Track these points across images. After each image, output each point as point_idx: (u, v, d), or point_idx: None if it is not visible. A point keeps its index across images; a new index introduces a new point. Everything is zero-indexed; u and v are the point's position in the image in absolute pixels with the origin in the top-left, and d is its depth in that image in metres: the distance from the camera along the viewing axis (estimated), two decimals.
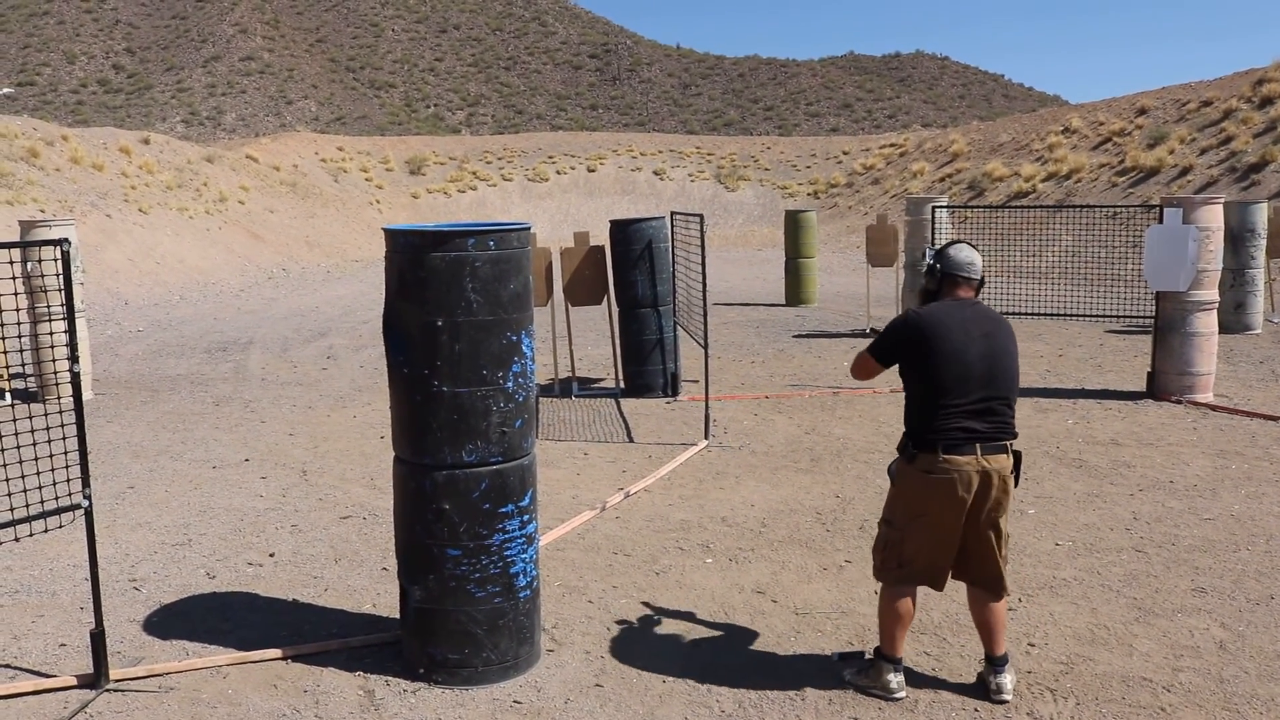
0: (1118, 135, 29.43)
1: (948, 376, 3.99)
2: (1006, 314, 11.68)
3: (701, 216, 8.89)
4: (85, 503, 4.37)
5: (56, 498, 4.45)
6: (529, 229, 4.51)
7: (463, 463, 4.26)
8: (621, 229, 10.48)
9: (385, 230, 4.40)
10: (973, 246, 4.27)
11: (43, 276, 7.05)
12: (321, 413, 9.94)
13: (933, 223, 11.48)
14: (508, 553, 4.34)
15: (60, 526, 4.62)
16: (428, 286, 4.21)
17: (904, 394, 4.23)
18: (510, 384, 4.31)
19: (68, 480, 4.56)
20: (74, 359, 4.40)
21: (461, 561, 4.28)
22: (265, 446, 8.64)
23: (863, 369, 4.33)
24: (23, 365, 11.33)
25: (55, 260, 4.35)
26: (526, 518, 4.42)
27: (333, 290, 22.36)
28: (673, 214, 10.59)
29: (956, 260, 4.17)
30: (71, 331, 4.41)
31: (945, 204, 13.29)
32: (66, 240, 4.39)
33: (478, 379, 4.24)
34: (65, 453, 4.57)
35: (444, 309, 4.20)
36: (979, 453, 3.98)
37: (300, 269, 26.99)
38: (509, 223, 4.49)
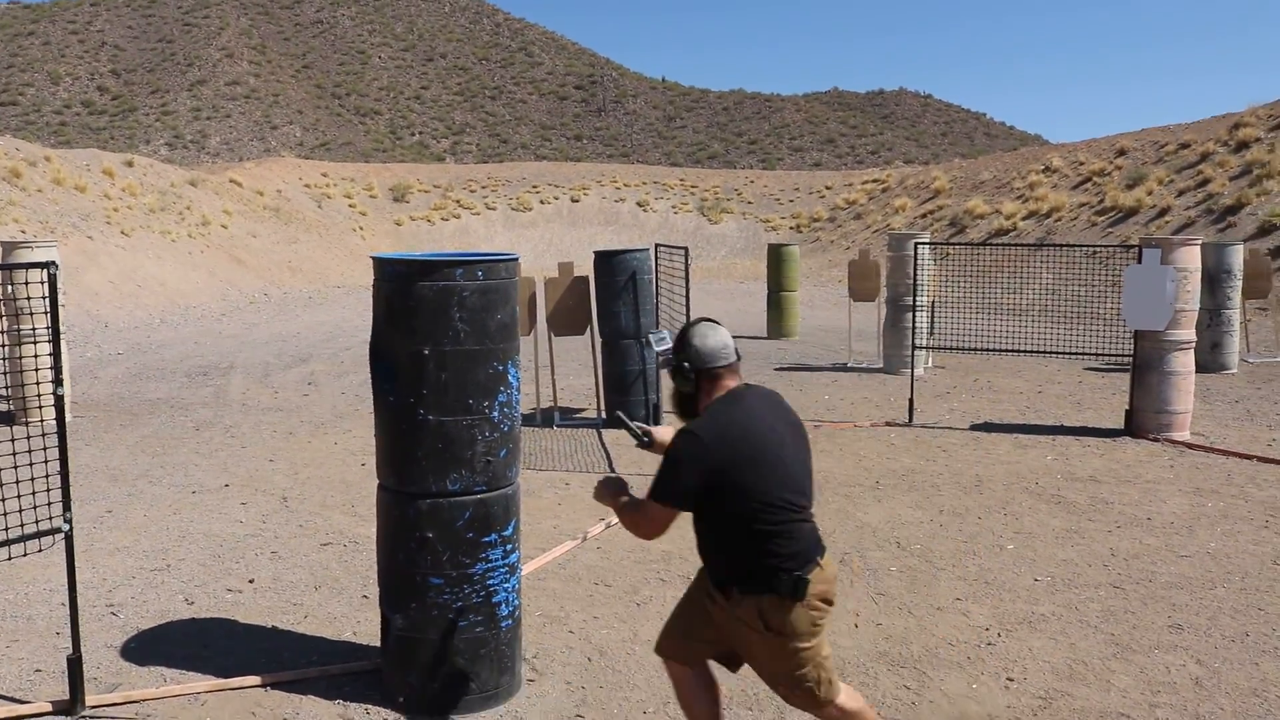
0: (1098, 175, 29.80)
1: (776, 489, 3.25)
2: (986, 350, 11.83)
3: (686, 249, 8.95)
4: (66, 526, 4.35)
5: (38, 521, 4.43)
6: (517, 260, 4.54)
7: (447, 491, 4.27)
8: (606, 260, 10.53)
9: (373, 258, 4.43)
10: (713, 322, 3.54)
11: (26, 299, 7.03)
12: (302, 439, 9.90)
13: (915, 259, 11.58)
14: (490, 582, 4.34)
15: (40, 550, 4.59)
16: (415, 315, 4.23)
17: (700, 537, 3.39)
18: (496, 414, 4.33)
19: (49, 504, 4.53)
20: (58, 382, 4.40)
21: (444, 590, 4.28)
22: (245, 472, 8.61)
23: (652, 524, 3.34)
24: (6, 388, 11.25)
25: (42, 283, 4.36)
26: (510, 547, 4.43)
27: (314, 316, 22.32)
28: (657, 246, 10.65)
29: (710, 350, 3.41)
30: (56, 354, 4.40)
31: (928, 240, 13.41)
32: (54, 264, 4.39)
33: (463, 408, 4.26)
34: (47, 475, 4.54)
35: (431, 338, 4.23)
36: (820, 561, 3.35)
37: (282, 294, 26.95)
38: (497, 253, 4.53)
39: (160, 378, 13.60)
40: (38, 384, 5.41)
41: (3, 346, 6.50)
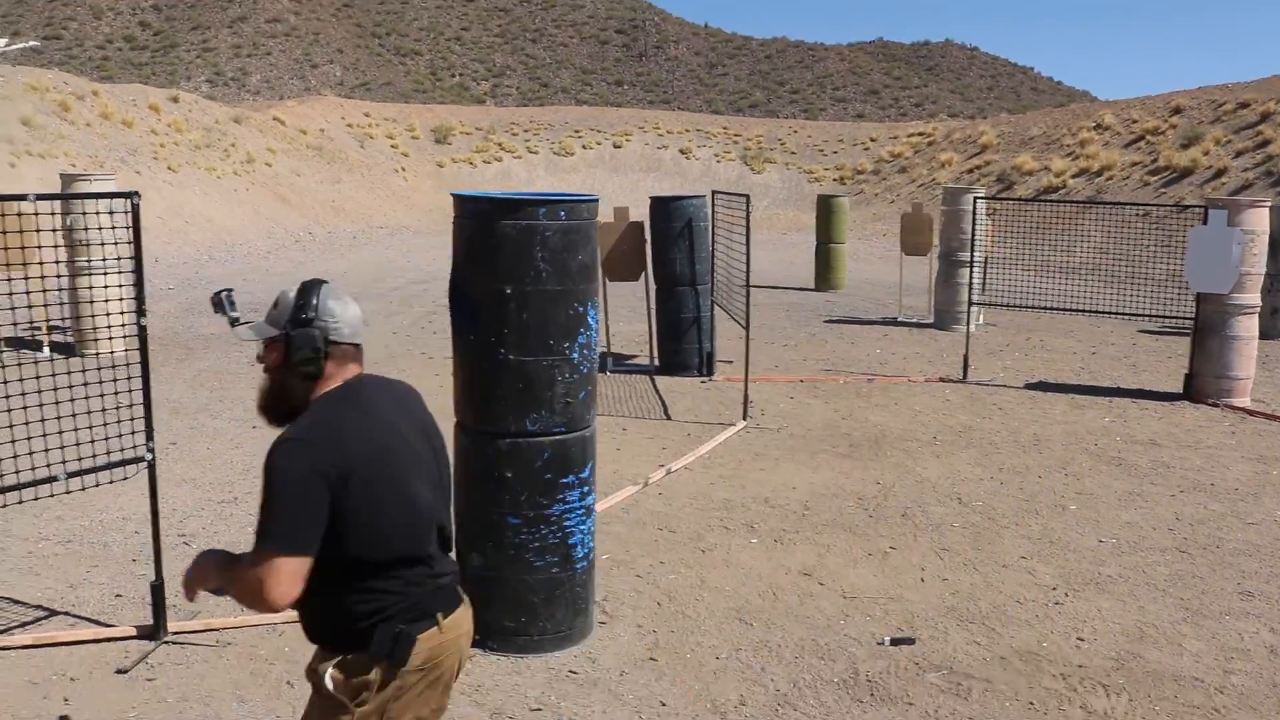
0: (1151, 134, 29.19)
1: (400, 521, 2.38)
2: (1040, 309, 11.68)
3: (748, 197, 8.86)
4: (149, 456, 4.40)
5: (122, 450, 4.49)
6: (597, 201, 4.51)
7: (526, 432, 4.28)
8: (662, 206, 10.45)
9: (454, 196, 4.41)
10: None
11: (99, 229, 7.06)
12: None
13: (973, 214, 11.37)
14: (567, 523, 4.36)
15: (125, 479, 4.66)
16: (497, 254, 4.21)
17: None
18: (575, 355, 4.32)
19: (133, 433, 4.59)
20: (141, 312, 4.43)
21: (521, 530, 4.30)
22: None
23: (279, 583, 2.21)
24: (62, 319, 11.37)
25: (126, 213, 4.38)
26: (586, 489, 4.44)
27: (359, 256, 22.39)
28: (714, 193, 10.55)
29: (351, 319, 2.50)
30: (139, 285, 4.44)
31: (983, 195, 13.21)
32: (137, 194, 4.42)
33: (544, 349, 4.25)
34: (131, 405, 4.60)
35: (513, 277, 4.21)
36: (442, 620, 2.48)
37: (327, 233, 27.01)
38: (577, 194, 4.49)
39: (212, 313, 13.67)
40: (108, 315, 5.46)
41: (58, 279, 6.53)
